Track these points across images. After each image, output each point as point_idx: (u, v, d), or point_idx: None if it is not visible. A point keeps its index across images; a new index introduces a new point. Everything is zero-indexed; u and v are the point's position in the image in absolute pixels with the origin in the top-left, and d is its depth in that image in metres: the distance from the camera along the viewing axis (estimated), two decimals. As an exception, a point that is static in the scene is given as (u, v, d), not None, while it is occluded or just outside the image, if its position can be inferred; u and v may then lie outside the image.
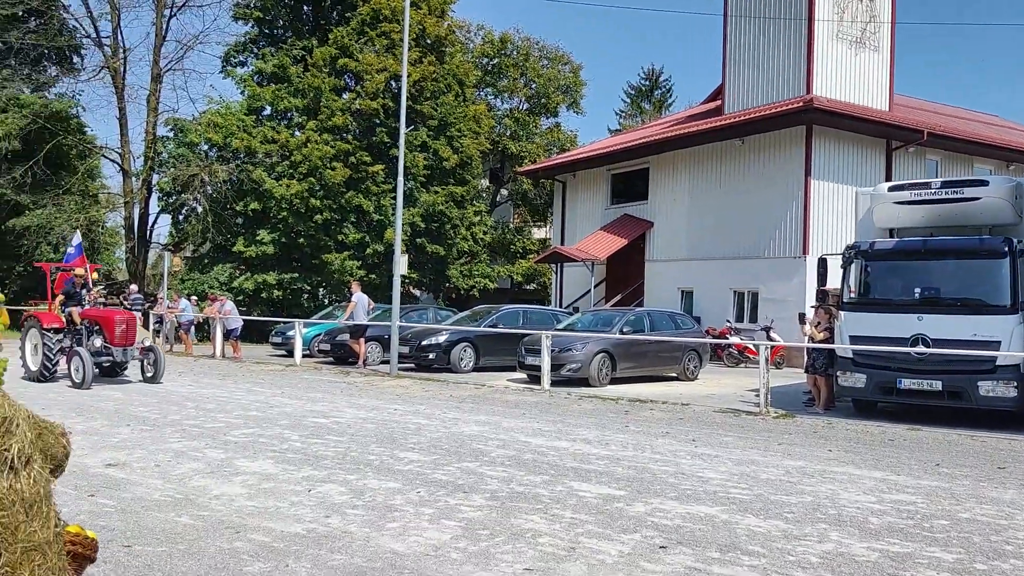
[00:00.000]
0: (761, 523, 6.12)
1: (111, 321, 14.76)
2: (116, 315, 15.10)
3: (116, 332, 14.60)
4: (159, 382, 14.83)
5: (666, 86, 54.67)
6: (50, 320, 14.97)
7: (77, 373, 13.83)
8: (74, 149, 33.24)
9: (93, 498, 6.44)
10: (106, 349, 14.63)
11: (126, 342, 14.77)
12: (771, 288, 22.07)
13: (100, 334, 14.74)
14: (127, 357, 14.88)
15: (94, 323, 14.92)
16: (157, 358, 15.05)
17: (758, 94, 23.30)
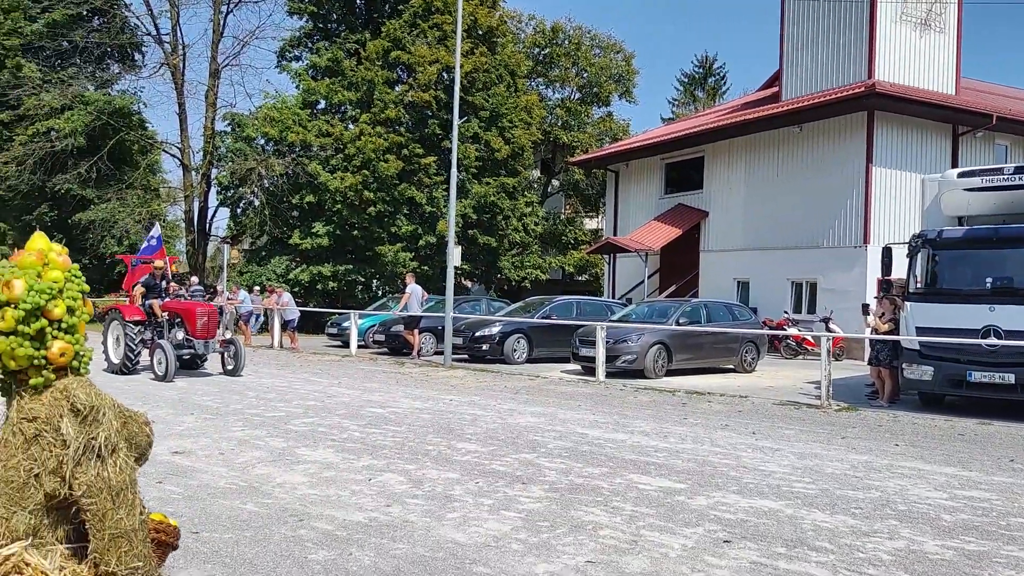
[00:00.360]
0: (828, 518, 5.98)
1: (192, 313, 14.62)
2: (197, 307, 14.90)
3: (198, 324, 14.45)
4: (239, 375, 14.72)
5: (720, 73, 53.85)
6: (132, 313, 14.83)
7: (160, 366, 13.78)
8: (136, 145, 34.11)
9: (161, 485, 6.59)
10: (188, 342, 14.54)
11: (207, 334, 14.65)
12: (830, 278, 21.58)
13: (182, 327, 14.69)
14: (208, 350, 14.81)
15: (175, 315, 14.87)
16: (238, 351, 14.91)
17: (817, 79, 22.74)
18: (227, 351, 15.06)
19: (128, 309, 15.01)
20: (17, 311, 1.92)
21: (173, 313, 14.93)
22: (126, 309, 15.03)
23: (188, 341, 14.54)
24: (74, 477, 1.91)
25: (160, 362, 13.79)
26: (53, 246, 2.02)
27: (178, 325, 14.77)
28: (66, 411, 1.94)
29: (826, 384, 12.16)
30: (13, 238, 37.19)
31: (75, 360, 2.04)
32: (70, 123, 30.00)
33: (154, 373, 13.93)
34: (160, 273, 15.53)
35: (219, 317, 24.40)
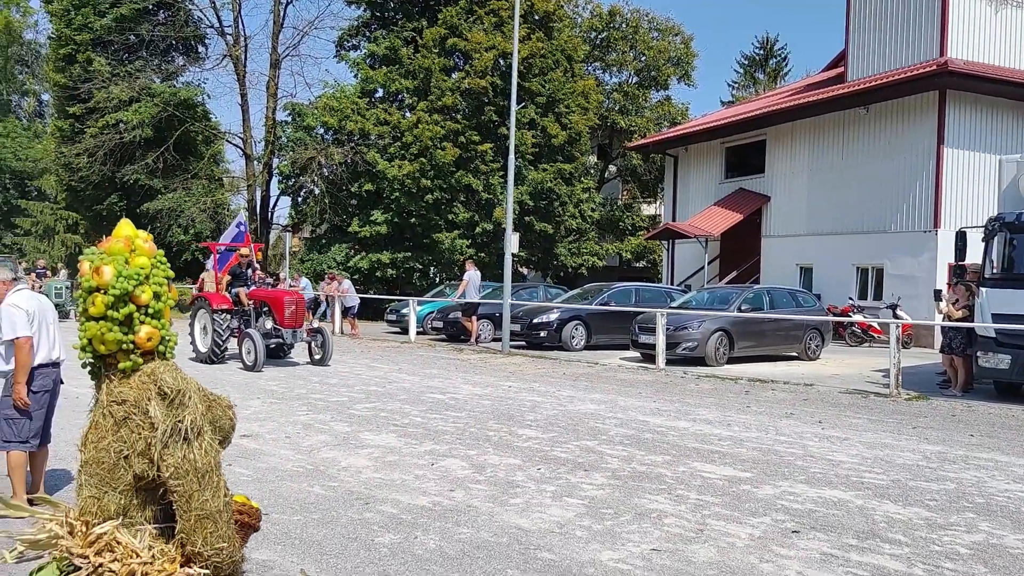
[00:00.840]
0: (901, 510, 5.82)
1: (280, 302, 14.29)
2: (285, 296, 14.56)
3: (285, 313, 14.11)
4: (327, 364, 14.39)
5: (781, 55, 52.50)
6: (219, 301, 14.49)
7: (249, 355, 13.48)
8: (200, 135, 34.90)
9: (231, 467, 6.75)
10: (275, 331, 14.19)
11: (295, 323, 14.27)
12: (898, 264, 20.95)
13: (269, 315, 14.37)
14: (296, 339, 14.45)
15: (262, 304, 14.57)
16: (325, 340, 14.51)
17: (885, 59, 22.01)
18: (314, 340, 14.67)
19: (215, 297, 14.68)
20: (106, 296, 1.96)
21: (260, 301, 14.64)
22: (213, 297, 14.69)
23: (276, 330, 14.19)
24: (161, 459, 1.95)
25: (249, 352, 13.50)
26: (139, 233, 2.06)
27: (265, 314, 14.46)
28: (153, 394, 1.98)
29: (895, 372, 11.82)
30: (85, 227, 38.55)
31: (161, 345, 2.09)
32: (138, 115, 30.86)
33: (242, 362, 13.70)
34: (246, 261, 15.15)
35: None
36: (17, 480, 5.55)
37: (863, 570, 4.60)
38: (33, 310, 5.56)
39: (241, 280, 14.91)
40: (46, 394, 5.72)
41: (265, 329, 14.15)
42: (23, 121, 60.60)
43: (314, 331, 14.83)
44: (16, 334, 5.41)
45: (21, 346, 5.42)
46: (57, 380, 5.86)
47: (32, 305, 5.58)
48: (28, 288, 5.83)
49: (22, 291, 5.69)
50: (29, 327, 5.48)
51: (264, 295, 14.74)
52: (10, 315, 5.43)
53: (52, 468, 6.32)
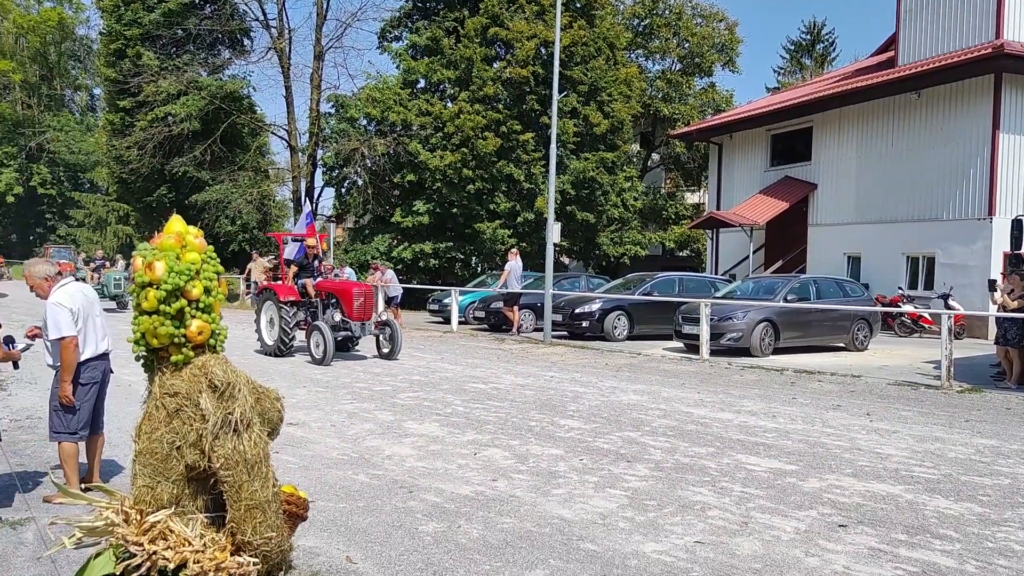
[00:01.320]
0: (952, 505, 5.70)
1: (349, 294, 13.71)
2: (354, 287, 13.91)
3: (354, 305, 13.56)
4: (396, 358, 13.91)
5: (829, 39, 51.41)
6: (286, 293, 14.07)
7: (318, 349, 13.08)
8: (246, 127, 35.44)
9: (278, 455, 6.84)
10: (344, 323, 13.62)
11: (364, 316, 13.71)
12: (950, 252, 20.44)
13: (337, 307, 13.84)
14: (364, 332, 13.86)
15: (330, 296, 14.07)
16: (394, 333, 13.99)
17: (938, 42, 21.41)
18: (382, 333, 14.16)
19: (282, 289, 14.22)
20: (159, 291, 2.01)
21: (327, 293, 14.15)
22: (280, 289, 14.24)
23: (344, 323, 13.62)
24: (212, 450, 2.00)
25: (318, 345, 13.08)
26: (190, 229, 2.11)
27: (333, 306, 13.94)
28: (204, 387, 2.03)
29: (947, 364, 11.55)
30: (136, 219, 39.48)
31: (212, 338, 2.13)
32: (185, 108, 31.44)
33: (310, 356, 13.29)
34: (312, 252, 14.66)
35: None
36: (70, 470, 5.67)
37: (913, 566, 4.52)
38: (78, 307, 5.54)
39: (308, 271, 14.49)
40: (95, 386, 5.77)
41: (334, 322, 13.59)
42: (76, 115, 62.23)
43: (382, 324, 14.29)
44: (61, 334, 5.41)
45: (66, 346, 5.43)
46: (106, 371, 5.90)
47: (77, 302, 5.56)
48: (73, 280, 5.78)
49: (67, 285, 5.65)
50: (74, 326, 5.47)
51: (332, 286, 14.23)
52: (55, 315, 5.42)
53: (107, 457, 6.49)
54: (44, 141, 54.15)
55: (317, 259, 14.80)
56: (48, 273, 5.65)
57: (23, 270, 5.93)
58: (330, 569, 4.42)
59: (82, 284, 5.85)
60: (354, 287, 13.91)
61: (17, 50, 57.22)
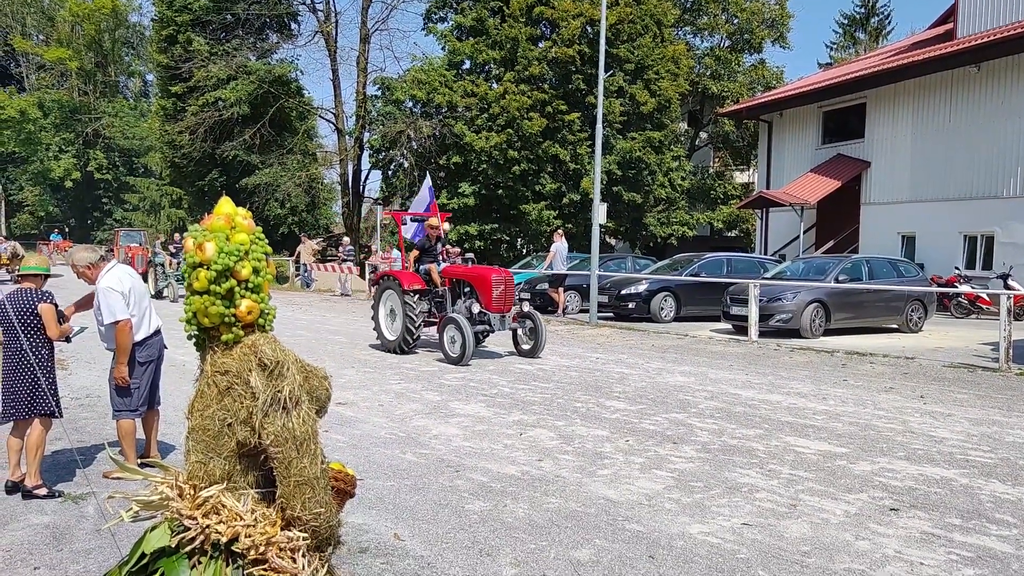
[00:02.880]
0: (1009, 490, 5.56)
1: (487, 280, 11.79)
2: (492, 273, 11.98)
3: (494, 294, 11.67)
4: (538, 356, 11.99)
5: (884, 12, 49.89)
6: (410, 280, 12.29)
7: (453, 345, 11.32)
8: (294, 111, 35.85)
9: (327, 434, 6.99)
10: (481, 316, 11.71)
11: (504, 307, 11.81)
12: (1010, 231, 19.80)
13: (473, 296, 12.00)
14: (504, 325, 11.90)
15: (462, 283, 12.33)
16: (537, 326, 12.04)
17: (998, 12, 20.65)
18: (522, 326, 12.18)
19: (406, 277, 12.43)
20: (209, 272, 2.06)
21: (457, 280, 12.41)
22: (404, 277, 12.44)
23: (482, 315, 11.71)
24: (262, 427, 2.04)
25: (453, 340, 11.30)
26: (239, 211, 2.14)
27: (468, 295, 12.16)
28: (254, 366, 2.07)
29: (1005, 345, 11.22)
30: (189, 202, 40.29)
31: (261, 318, 2.17)
32: (235, 92, 31.91)
33: (443, 354, 11.55)
34: (435, 234, 12.91)
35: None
36: (128, 446, 5.85)
37: (967, 551, 4.43)
38: (128, 289, 5.65)
39: (430, 256, 12.77)
40: (151, 364, 5.91)
41: (469, 313, 11.73)
42: (130, 101, 63.59)
43: (523, 316, 12.24)
44: (116, 318, 5.51)
45: (121, 329, 5.54)
46: (160, 346, 6.02)
47: (127, 284, 5.67)
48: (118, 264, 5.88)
49: (114, 270, 5.74)
50: (127, 309, 5.58)
51: (464, 272, 12.40)
52: (107, 299, 5.52)
53: (163, 433, 6.69)
54: (100, 127, 55.52)
55: (440, 241, 13.08)
56: (90, 260, 5.74)
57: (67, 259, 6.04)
58: (378, 546, 4.49)
59: (127, 267, 5.93)
60: (492, 272, 11.99)
61: (73, 38, 58.61)
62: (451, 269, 12.65)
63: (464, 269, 12.56)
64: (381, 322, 12.78)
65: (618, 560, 4.29)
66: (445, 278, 12.50)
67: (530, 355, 12.06)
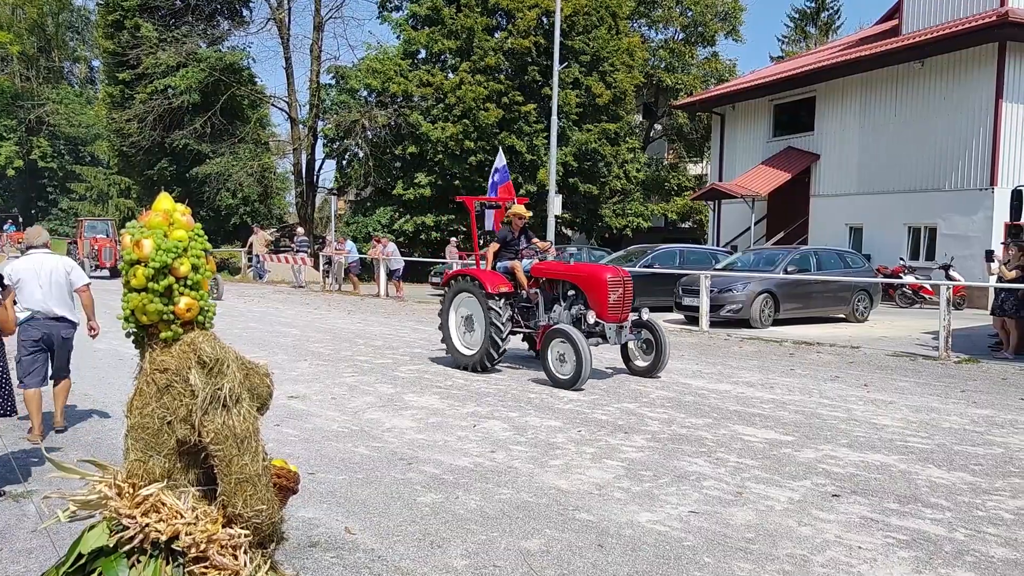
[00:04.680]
0: (944, 475, 5.76)
1: (600, 282, 9.35)
2: (606, 272, 9.51)
3: (610, 300, 9.28)
4: (658, 376, 9.73)
5: (834, 7, 50.77)
6: (496, 282, 9.86)
7: (563, 364, 8.96)
8: (246, 100, 35.26)
9: (279, 428, 6.95)
10: (594, 326, 9.36)
11: (621, 316, 9.41)
12: (952, 223, 20.39)
13: (580, 301, 9.63)
14: (621, 338, 9.54)
15: (562, 285, 9.89)
16: (657, 337, 9.63)
17: (942, 10, 21.19)
18: (637, 338, 9.82)
19: (491, 277, 9.99)
20: (147, 269, 2.04)
21: (554, 281, 9.99)
22: (487, 277, 9.97)
23: (595, 325, 9.35)
24: (202, 425, 2.04)
25: (563, 358, 8.95)
26: (177, 206, 2.13)
27: (567, 299, 9.82)
28: (193, 363, 2.06)
29: (945, 334, 11.58)
30: (138, 192, 39.42)
31: (200, 315, 2.16)
32: (185, 80, 31.26)
33: (548, 373, 9.10)
34: (520, 223, 10.53)
35: (330, 266, 25.30)
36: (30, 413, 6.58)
37: (903, 534, 4.59)
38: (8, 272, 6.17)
39: (511, 250, 10.45)
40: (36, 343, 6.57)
41: (581, 323, 9.47)
42: (75, 88, 61.90)
43: (640, 325, 9.77)
44: None
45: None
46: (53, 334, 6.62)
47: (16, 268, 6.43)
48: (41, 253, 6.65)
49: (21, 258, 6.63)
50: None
51: (566, 271, 9.84)
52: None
53: (104, 432, 6.59)
54: (43, 114, 53.92)
55: (525, 234, 10.65)
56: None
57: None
58: (329, 539, 4.49)
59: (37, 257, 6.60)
60: (606, 271, 9.55)
61: (14, 21, 56.79)
62: (546, 267, 10.09)
63: (565, 267, 9.91)
64: (453, 333, 10.40)
65: (567, 549, 4.35)
66: (534, 278, 10.13)
67: (647, 373, 9.73)
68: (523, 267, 10.15)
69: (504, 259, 10.39)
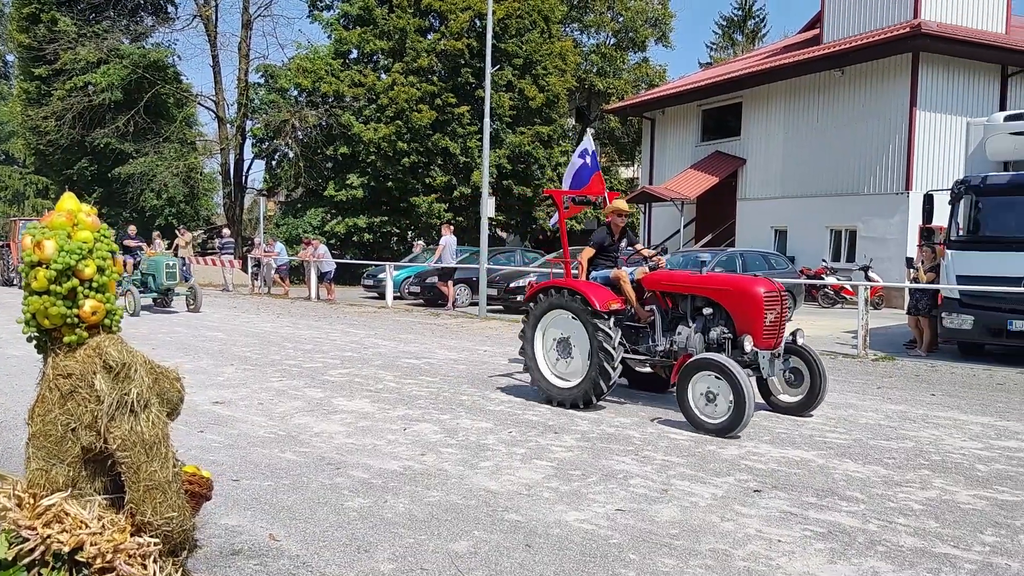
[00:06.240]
0: (860, 468, 5.97)
1: (754, 300, 7.45)
2: (758, 286, 7.62)
3: (765, 321, 7.39)
4: (810, 415, 7.81)
5: (760, 16, 52.30)
6: (605, 297, 7.94)
7: (713, 405, 6.98)
8: (172, 98, 34.34)
9: (203, 434, 6.79)
10: (750, 357, 7.37)
11: (776, 341, 7.57)
12: (871, 226, 21.17)
13: (720, 323, 7.69)
14: (774, 369, 7.60)
15: (694, 300, 7.91)
16: (813, 365, 7.74)
17: (860, 20, 22.00)
18: (786, 367, 7.81)
19: (597, 290, 8.03)
20: (48, 271, 1.97)
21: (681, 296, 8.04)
22: (592, 290, 8.00)
23: (751, 355, 7.37)
24: (108, 431, 1.98)
25: (713, 397, 6.97)
26: (82, 207, 2.06)
27: (703, 319, 7.81)
28: (99, 368, 2.00)
29: (863, 334, 12.02)
30: (56, 192, 37.92)
31: (107, 319, 2.10)
32: (106, 77, 30.27)
33: (690, 416, 7.14)
34: (621, 222, 8.72)
35: (259, 269, 24.71)
36: None
37: (820, 527, 4.74)
38: None
39: (610, 256, 8.65)
40: None
41: (739, 353, 7.42)
42: (-12, 83, 59.20)
43: (791, 351, 7.85)
44: None
45: None
46: None
47: None
48: None
49: None
50: None
51: (699, 283, 7.90)
52: None
53: (14, 442, 6.32)
54: (-47, 110, 51.42)
55: (626, 236, 8.87)
56: None
57: None
58: (252, 547, 4.40)
59: None
60: (758, 284, 7.67)
61: (-79, 13, 54.05)
62: (667, 278, 8.21)
63: (696, 279, 8.00)
64: (540, 360, 8.40)
65: (495, 550, 4.36)
66: (647, 291, 8.27)
67: (799, 411, 7.80)
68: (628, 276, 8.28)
69: (601, 267, 8.56)
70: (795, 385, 7.85)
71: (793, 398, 7.88)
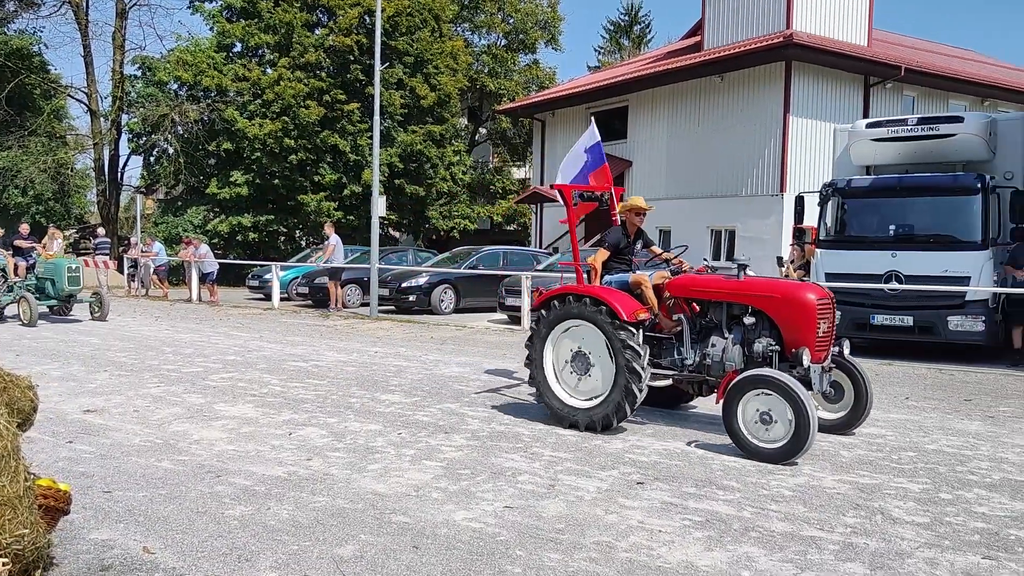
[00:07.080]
0: (736, 460, 6.24)
1: (806, 308, 6.66)
2: (808, 292, 6.82)
3: (818, 332, 6.64)
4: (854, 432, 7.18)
5: (645, 21, 53.74)
6: (631, 307, 7.06)
7: (765, 425, 6.22)
8: (38, 89, 32.32)
9: (71, 445, 6.43)
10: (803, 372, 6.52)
11: (825, 354, 6.80)
12: (748, 226, 22.14)
13: (764, 333, 6.86)
14: (823, 384, 6.77)
15: (731, 308, 7.13)
16: (858, 379, 7.08)
17: (738, 29, 22.98)
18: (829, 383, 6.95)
19: (621, 298, 7.13)
20: None
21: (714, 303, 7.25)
22: (615, 298, 7.10)
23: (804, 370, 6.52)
24: (-48, 445, 1.85)
25: (769, 419, 6.17)
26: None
27: (743, 329, 6.99)
28: (-60, 378, 1.87)
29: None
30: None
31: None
32: (-37, 65, 28.22)
33: (745, 442, 6.30)
34: (639, 221, 7.89)
35: (136, 270, 23.50)
36: None
37: (699, 516, 4.92)
38: None
39: (624, 259, 7.93)
40: None
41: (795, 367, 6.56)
42: None
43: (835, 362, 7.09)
44: None
45: None
46: None
47: None
48: None
49: None
50: None
51: (737, 289, 7.07)
52: None
53: None
54: None
55: (642, 237, 8.10)
56: None
57: None
58: (124, 561, 4.20)
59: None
60: (808, 291, 6.88)
61: None
62: (698, 284, 7.34)
63: (734, 284, 7.08)
64: (550, 376, 7.53)
65: (382, 553, 4.32)
66: (671, 298, 7.42)
67: (843, 429, 7.12)
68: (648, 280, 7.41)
69: (615, 271, 7.75)
70: (834, 401, 7.15)
71: (835, 414, 7.15)
